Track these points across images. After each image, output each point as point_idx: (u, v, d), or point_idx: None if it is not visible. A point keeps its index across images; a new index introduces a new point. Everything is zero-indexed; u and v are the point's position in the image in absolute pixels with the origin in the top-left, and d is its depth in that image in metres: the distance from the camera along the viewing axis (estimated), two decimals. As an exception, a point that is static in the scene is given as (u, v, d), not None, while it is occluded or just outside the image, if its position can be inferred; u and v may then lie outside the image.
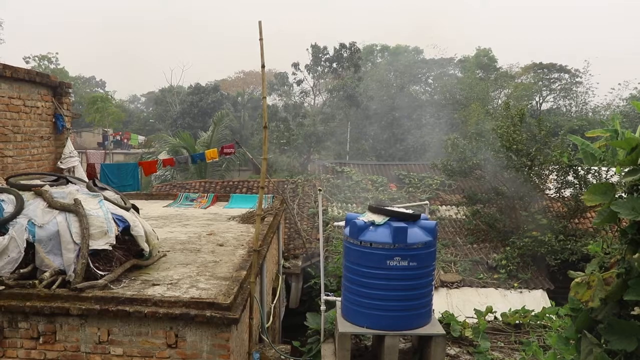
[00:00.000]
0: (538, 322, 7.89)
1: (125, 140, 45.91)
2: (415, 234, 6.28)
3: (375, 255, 6.24)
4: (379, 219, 6.46)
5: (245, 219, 11.07)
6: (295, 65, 36.78)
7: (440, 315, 7.88)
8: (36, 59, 53.40)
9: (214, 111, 42.22)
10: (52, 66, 52.77)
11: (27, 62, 52.16)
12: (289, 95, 38.78)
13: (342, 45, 36.01)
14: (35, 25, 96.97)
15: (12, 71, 7.84)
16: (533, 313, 8.04)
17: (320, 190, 7.76)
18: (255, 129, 38.34)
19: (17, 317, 5.97)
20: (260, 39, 6.70)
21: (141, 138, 46.44)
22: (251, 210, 11.79)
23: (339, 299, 7.30)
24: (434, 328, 6.49)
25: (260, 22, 6.76)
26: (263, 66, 6.77)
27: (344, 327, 6.61)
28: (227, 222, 10.99)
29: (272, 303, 10.56)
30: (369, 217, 6.58)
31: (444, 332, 6.51)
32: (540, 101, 46.82)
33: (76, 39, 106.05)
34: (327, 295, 7.88)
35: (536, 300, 14.58)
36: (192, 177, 26.90)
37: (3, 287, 5.97)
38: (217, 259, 7.79)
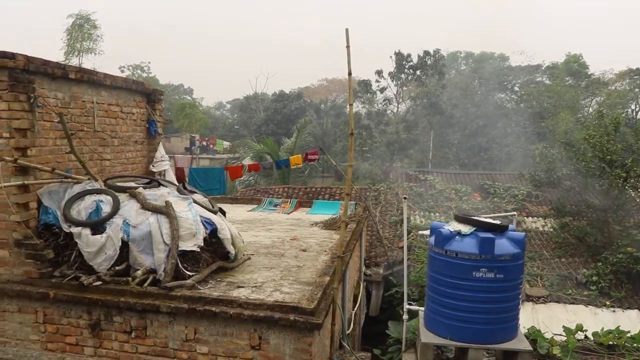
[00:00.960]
0: (635, 344, 7.44)
1: (211, 146, 47.33)
2: (503, 246, 6.11)
3: (460, 266, 6.12)
4: (465, 228, 6.33)
5: (328, 225, 11.12)
6: (379, 73, 36.70)
7: (526, 331, 7.61)
8: (130, 67, 56.03)
9: (297, 118, 42.76)
10: (144, 74, 55.20)
11: (122, 71, 54.79)
12: (372, 102, 38.73)
13: (426, 53, 35.63)
14: (129, 36, 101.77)
15: (111, 80, 8.25)
16: (629, 334, 7.60)
17: (405, 198, 7.69)
18: (337, 136, 38.47)
19: (112, 311, 6.26)
20: (347, 47, 6.72)
21: (226, 144, 47.76)
22: (334, 216, 11.83)
23: (422, 308, 7.19)
24: (521, 344, 6.29)
25: (347, 30, 6.78)
26: (350, 73, 6.79)
27: (427, 337, 6.51)
28: (310, 228, 11.07)
29: (352, 310, 10.54)
30: (454, 226, 6.46)
31: (531, 349, 6.29)
32: (637, 109, 44.41)
33: (166, 49, 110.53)
34: (410, 304, 7.78)
35: (631, 321, 13.75)
36: (275, 183, 27.33)
37: (100, 282, 6.28)
38: (301, 264, 7.85)
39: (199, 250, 6.70)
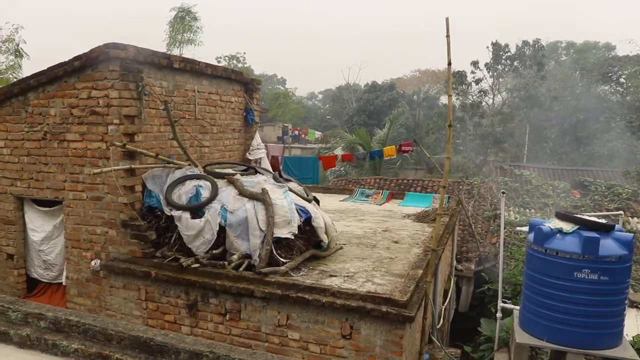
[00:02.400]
0: None
1: (303, 135, 47.82)
2: (609, 246, 5.79)
3: (560, 265, 5.86)
4: (567, 226, 6.06)
5: (420, 217, 10.97)
6: (475, 64, 35.69)
7: (632, 339, 7.20)
8: (226, 58, 57.54)
9: (389, 109, 42.44)
10: (239, 65, 56.54)
11: (219, 62, 56.33)
12: (466, 94, 37.79)
13: (525, 43, 34.27)
14: (226, 28, 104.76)
15: (212, 69, 8.51)
16: None
17: (503, 193, 7.46)
18: (430, 127, 37.82)
19: (209, 293, 6.47)
20: (447, 36, 6.58)
21: (318, 133, 48.11)
22: (426, 209, 11.67)
23: (517, 307, 6.97)
24: (625, 352, 5.95)
25: (447, 19, 6.64)
26: (449, 64, 6.64)
27: (522, 337, 6.31)
28: (402, 220, 10.97)
29: (442, 305, 10.38)
30: (555, 224, 6.19)
31: (638, 359, 5.92)
32: None
33: (260, 40, 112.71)
34: (504, 302, 7.56)
35: None
36: (367, 173, 27.29)
37: (198, 264, 6.51)
38: (393, 256, 7.80)
39: (293, 237, 6.80)
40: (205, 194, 6.93)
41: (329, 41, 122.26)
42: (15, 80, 19.78)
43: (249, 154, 9.56)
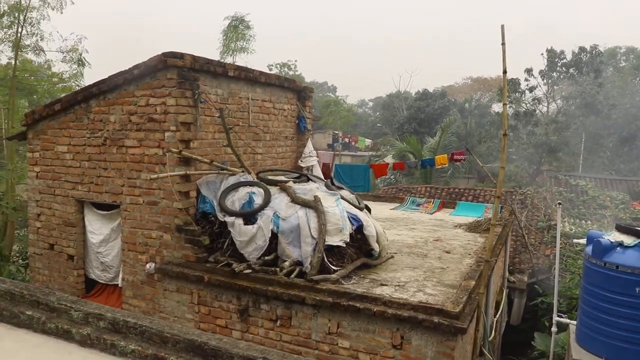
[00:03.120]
0: None
1: (353, 143, 47.82)
2: (673, 261, 5.57)
3: (621, 280, 5.67)
4: (628, 239, 5.86)
5: (473, 227, 10.81)
6: (529, 71, 35.02)
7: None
8: (278, 66, 58.15)
9: (441, 117, 42.02)
10: (290, 72, 57.04)
11: (270, 69, 57.00)
12: (519, 102, 37.05)
13: (582, 49, 33.41)
14: (277, 36, 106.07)
15: (265, 77, 8.62)
16: None
17: (559, 204, 7.28)
18: (482, 136, 37.22)
19: (260, 299, 6.53)
20: (503, 44, 6.48)
21: (368, 141, 48.02)
22: (478, 219, 11.49)
23: (573, 322, 6.78)
24: (690, 371, 5.70)
25: (502, 27, 6.54)
26: (505, 72, 6.55)
27: (579, 354, 6.13)
28: (454, 230, 10.83)
29: (494, 317, 10.17)
30: (615, 236, 6.01)
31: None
32: None
33: (311, 48, 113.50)
34: (560, 316, 7.37)
35: None
36: (417, 182, 27.05)
37: (250, 270, 6.58)
38: (444, 266, 7.70)
39: (344, 245, 6.80)
40: (258, 200, 7.02)
41: (379, 49, 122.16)
42: (77, 88, 20.53)
43: (301, 161, 9.63)
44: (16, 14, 19.57)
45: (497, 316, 10.62)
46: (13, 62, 21.16)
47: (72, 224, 8.35)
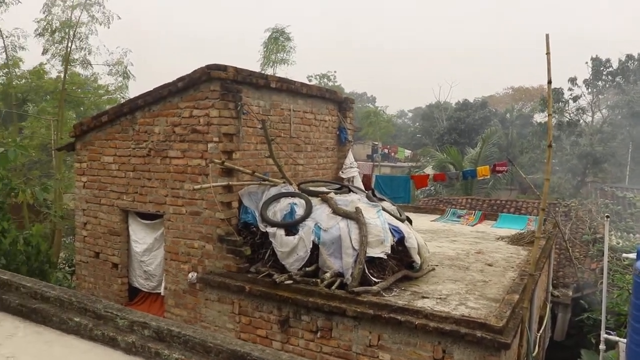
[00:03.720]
0: None
1: (393, 154, 47.59)
2: None
3: (673, 296, 5.48)
4: (680, 254, 5.66)
5: (515, 240, 10.63)
6: (572, 80, 34.27)
7: None
8: (317, 77, 58.36)
9: (481, 128, 41.50)
10: (330, 83, 57.19)
11: (310, 80, 57.25)
12: (562, 112, 36.32)
13: (629, 57, 32.56)
14: (316, 46, 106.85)
15: (307, 89, 8.68)
16: None
17: (607, 217, 7.10)
18: (524, 147, 36.57)
19: (301, 310, 6.53)
20: (547, 53, 6.37)
21: (407, 152, 47.72)
22: (521, 232, 11.29)
23: (623, 340, 6.57)
24: None
25: (547, 36, 6.44)
26: (549, 82, 6.42)
27: (629, 372, 5.92)
28: (496, 242, 10.67)
29: (538, 332, 9.96)
30: (667, 251, 5.81)
31: None
32: None
33: (350, 58, 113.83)
34: (608, 333, 7.16)
35: None
36: (458, 193, 26.75)
37: (291, 281, 6.59)
38: (486, 279, 7.59)
39: (385, 257, 6.76)
40: (299, 211, 7.04)
41: (419, 59, 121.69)
42: (122, 100, 21.08)
43: (342, 172, 9.64)
44: (67, 30, 20.20)
45: (541, 331, 10.40)
46: (62, 75, 21.83)
47: (117, 233, 8.53)
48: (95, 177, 8.75)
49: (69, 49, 20.59)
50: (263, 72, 22.67)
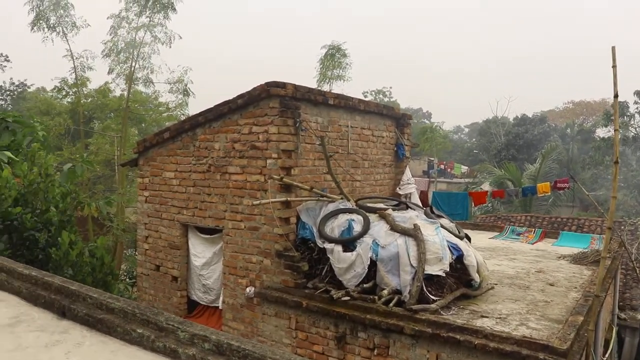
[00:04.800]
0: None
1: (449, 170, 47.04)
2: None
3: None
4: None
5: (578, 259, 10.30)
6: (638, 93, 33.12)
7: None
8: (373, 92, 58.40)
9: (540, 143, 40.59)
10: (385, 99, 57.12)
11: (365, 96, 57.37)
12: (627, 126, 35.10)
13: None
14: (370, 62, 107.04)
15: (364, 105, 8.72)
16: None
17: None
18: (586, 163, 35.52)
19: (358, 327, 6.51)
20: (613, 66, 6.19)
21: (464, 168, 47.10)
22: (584, 250, 10.94)
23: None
24: None
25: (613, 48, 6.26)
26: (616, 96, 6.24)
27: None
28: (557, 261, 10.37)
29: (604, 356, 9.58)
30: None
31: None
32: None
33: (405, 74, 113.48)
34: (680, 358, 6.83)
35: None
36: (516, 210, 26.17)
37: (348, 297, 6.58)
38: (548, 299, 7.38)
39: (444, 275, 6.68)
40: (357, 227, 7.04)
41: (476, 74, 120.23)
42: (182, 116, 21.68)
43: (399, 188, 9.60)
44: (131, 50, 20.98)
45: (607, 355, 10.00)
46: (126, 94, 22.64)
47: (177, 247, 8.72)
48: (156, 192, 9.00)
49: (132, 68, 21.37)
50: (319, 88, 22.88)
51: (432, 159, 44.76)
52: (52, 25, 22.40)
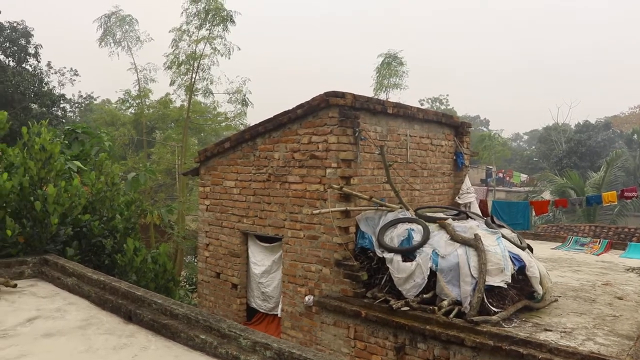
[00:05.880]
0: None
1: (507, 178, 46.13)
2: None
3: None
4: None
5: (648, 272, 9.91)
6: None
7: None
8: (429, 100, 57.95)
9: (604, 150, 39.34)
10: (442, 107, 56.55)
11: (421, 104, 56.97)
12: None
13: None
14: (426, 70, 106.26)
15: (423, 113, 8.67)
16: None
17: None
18: (655, 170, 34.16)
19: (417, 337, 6.45)
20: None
21: (523, 176, 46.07)
22: (655, 263, 10.53)
23: None
24: None
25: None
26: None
27: None
28: (625, 274, 10.00)
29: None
30: None
31: None
32: None
33: (462, 80, 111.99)
34: None
35: None
36: (579, 220, 25.38)
37: (408, 308, 6.54)
38: (617, 314, 7.12)
39: (505, 286, 6.55)
40: (417, 237, 7.00)
41: (534, 80, 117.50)
42: (241, 126, 22.09)
43: (459, 198, 9.49)
44: (191, 62, 21.53)
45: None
46: (186, 104, 23.24)
47: (237, 255, 8.87)
48: (217, 201, 9.18)
49: (193, 80, 21.92)
50: (376, 97, 22.88)
51: (490, 167, 44.00)
52: (118, 40, 23.37)
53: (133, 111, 27.80)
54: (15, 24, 27.21)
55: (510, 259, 6.75)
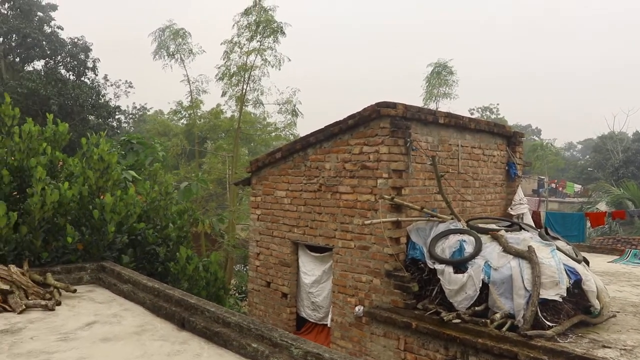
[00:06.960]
0: None
1: (560, 189, 45.03)
2: None
3: None
4: None
5: None
6: None
7: None
8: (479, 110, 57.16)
9: (667, 159, 37.95)
10: (492, 116, 55.68)
11: (472, 113, 56.22)
12: None
13: None
14: (476, 79, 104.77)
15: (475, 123, 8.60)
16: None
17: None
18: None
19: (469, 350, 6.37)
20: None
21: (577, 187, 44.88)
22: None
23: None
24: None
25: None
26: None
27: None
28: (688, 289, 9.62)
29: None
30: None
31: None
32: None
33: (513, 89, 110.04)
34: None
35: None
36: (638, 233, 24.53)
37: (459, 320, 6.46)
38: (680, 331, 6.86)
39: (560, 300, 6.41)
40: (468, 249, 6.93)
41: (588, 88, 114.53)
42: (291, 136, 22.32)
43: (511, 209, 9.34)
44: (242, 73, 21.90)
45: None
46: (237, 115, 23.63)
47: (287, 264, 8.95)
48: (268, 211, 9.30)
49: (244, 91, 22.26)
50: (425, 106, 22.77)
51: (543, 177, 43.06)
52: (171, 53, 23.98)
53: (185, 122, 28.44)
54: (75, 40, 28.38)
55: (566, 272, 6.59)
